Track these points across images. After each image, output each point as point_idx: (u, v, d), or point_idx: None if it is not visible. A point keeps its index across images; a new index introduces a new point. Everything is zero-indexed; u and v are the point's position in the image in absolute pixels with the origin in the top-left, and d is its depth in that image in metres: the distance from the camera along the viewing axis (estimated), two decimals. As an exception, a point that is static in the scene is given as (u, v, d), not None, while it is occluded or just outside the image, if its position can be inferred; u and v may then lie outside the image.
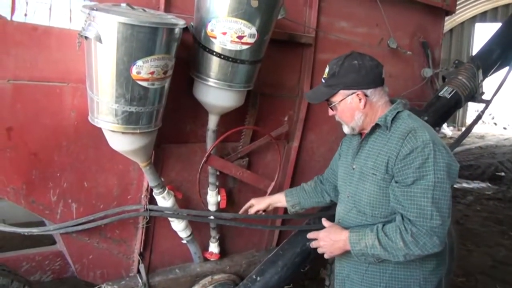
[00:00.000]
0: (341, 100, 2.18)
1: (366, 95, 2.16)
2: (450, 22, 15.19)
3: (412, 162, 2.00)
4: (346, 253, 2.25)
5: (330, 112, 2.30)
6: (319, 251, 2.28)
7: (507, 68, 4.37)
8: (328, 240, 2.22)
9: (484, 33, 14.62)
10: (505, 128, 17.18)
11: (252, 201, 2.83)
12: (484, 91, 4.22)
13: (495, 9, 15.53)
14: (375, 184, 2.14)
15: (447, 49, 15.97)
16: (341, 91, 2.17)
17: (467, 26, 16.21)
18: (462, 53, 15.77)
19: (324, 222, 2.34)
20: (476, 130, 13.64)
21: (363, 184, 2.20)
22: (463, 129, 14.56)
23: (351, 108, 2.18)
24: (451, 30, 16.11)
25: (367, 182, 2.18)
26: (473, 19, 16.09)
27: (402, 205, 2.03)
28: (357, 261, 2.21)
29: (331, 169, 2.72)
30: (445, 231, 2.00)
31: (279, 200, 2.80)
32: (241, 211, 2.90)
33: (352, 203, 2.28)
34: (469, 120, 16.13)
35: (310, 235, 2.34)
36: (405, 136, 2.05)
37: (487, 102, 4.21)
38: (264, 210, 2.84)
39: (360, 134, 2.32)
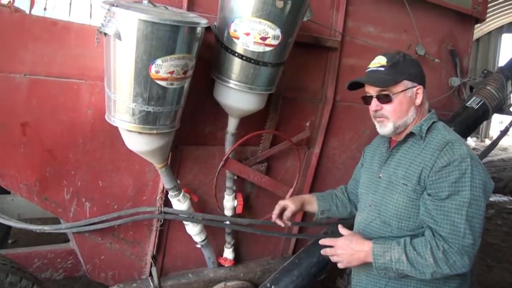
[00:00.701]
0: (402, 91, 2.05)
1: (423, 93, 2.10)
2: (476, 32, 14.93)
3: (448, 175, 1.91)
4: (365, 266, 2.12)
5: (375, 106, 2.11)
6: (334, 259, 2.11)
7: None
8: (348, 249, 2.05)
9: (511, 44, 14.42)
10: (529, 141, 16.87)
11: (287, 201, 2.51)
12: (512, 102, 4.10)
13: (523, 19, 15.30)
14: (405, 195, 2.04)
15: (473, 59, 15.74)
16: (404, 81, 2.05)
17: (493, 36, 16.00)
18: (488, 63, 15.57)
19: (342, 230, 2.17)
20: (500, 142, 13.42)
21: (390, 194, 2.10)
22: (486, 140, 14.43)
23: (409, 102, 2.07)
24: (477, 40, 15.90)
25: (395, 192, 2.08)
26: (500, 29, 15.89)
27: (434, 219, 1.93)
28: (376, 275, 2.08)
29: (354, 180, 2.62)
30: (475, 251, 1.89)
31: (310, 201, 2.56)
32: (275, 214, 2.49)
33: (376, 213, 2.17)
34: (492, 132, 15.92)
35: (324, 242, 2.14)
36: (442, 148, 1.96)
37: (515, 115, 4.09)
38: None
39: (389, 142, 2.26)
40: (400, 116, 2.07)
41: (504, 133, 4.23)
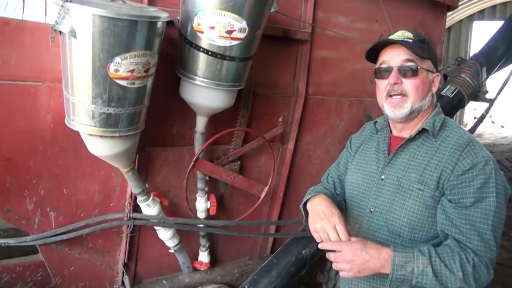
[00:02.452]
0: (426, 70, 1.84)
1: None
2: (448, 20, 15.07)
3: (473, 180, 1.69)
4: (371, 278, 1.88)
5: (395, 79, 1.83)
6: (339, 267, 1.71)
7: (511, 65, 4.24)
8: (363, 255, 1.67)
9: (482, 31, 14.56)
10: (502, 127, 17.17)
11: (334, 219, 1.80)
12: (487, 89, 4.07)
13: (493, 7, 15.42)
14: (421, 202, 1.78)
15: (445, 47, 15.82)
16: (429, 62, 1.86)
17: (465, 24, 16.11)
18: (460, 51, 15.67)
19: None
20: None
21: (401, 200, 1.83)
22: (465, 128, 14.56)
23: (429, 85, 1.86)
24: (449, 29, 16.02)
25: (409, 198, 1.81)
26: (471, 17, 16.00)
27: (459, 229, 1.70)
28: (379, 281, 1.86)
29: (339, 170, 2.24)
30: (494, 265, 1.72)
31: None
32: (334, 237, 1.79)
33: (382, 221, 1.88)
34: (467, 118, 16.07)
35: (327, 246, 1.74)
36: (463, 149, 1.74)
37: (491, 101, 4.06)
38: None
39: (389, 137, 1.99)
40: (421, 96, 1.83)
41: (480, 120, 4.21)
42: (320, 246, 1.77)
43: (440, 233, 1.78)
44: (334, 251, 1.71)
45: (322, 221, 1.79)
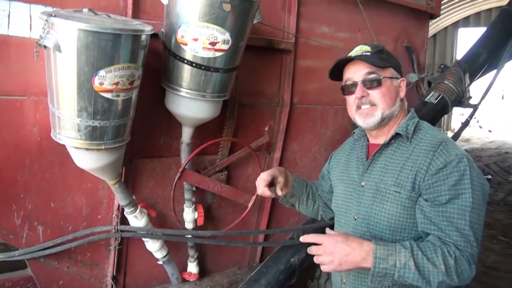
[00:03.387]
0: (389, 78, 1.91)
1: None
2: (433, 28, 15.24)
3: (446, 178, 1.73)
4: (356, 275, 1.91)
5: (361, 92, 1.89)
6: (320, 260, 1.72)
7: (494, 71, 4.30)
8: (344, 247, 1.68)
9: (467, 38, 14.72)
10: (490, 131, 17.35)
11: (273, 171, 2.17)
12: (471, 95, 4.12)
13: (477, 14, 15.62)
14: (399, 204, 1.82)
15: (431, 54, 16.02)
16: (391, 69, 1.93)
17: (450, 31, 16.29)
18: (446, 58, 15.83)
19: (330, 231, 1.81)
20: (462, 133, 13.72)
21: (380, 204, 1.86)
22: (449, 132, 14.67)
23: (395, 91, 1.93)
24: (434, 36, 16.18)
25: (387, 201, 1.85)
26: (456, 24, 16.18)
27: (438, 226, 1.72)
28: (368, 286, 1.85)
29: (320, 186, 2.39)
30: (476, 261, 1.72)
31: (287, 177, 2.23)
32: (262, 187, 2.13)
33: (364, 226, 1.91)
34: (454, 124, 16.21)
35: (308, 238, 1.76)
36: (436, 148, 1.78)
37: (475, 107, 4.11)
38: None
39: (367, 146, 2.05)
40: (390, 103, 1.90)
41: (465, 125, 4.25)
42: (301, 239, 1.80)
43: (422, 233, 1.81)
44: (316, 244, 1.73)
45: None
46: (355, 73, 1.93)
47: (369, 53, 1.91)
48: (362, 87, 1.90)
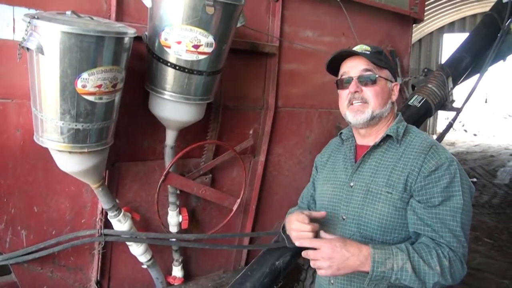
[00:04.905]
0: (384, 78, 1.93)
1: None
2: (419, 32, 15.37)
3: (439, 180, 1.76)
4: (348, 281, 1.90)
5: (355, 87, 1.90)
6: (318, 265, 1.71)
7: (477, 75, 4.34)
8: (342, 252, 1.67)
9: (452, 43, 14.84)
10: (475, 135, 17.47)
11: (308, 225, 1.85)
12: (454, 99, 4.16)
13: (463, 19, 15.78)
14: (390, 204, 1.82)
15: (416, 59, 16.14)
16: (387, 71, 1.94)
17: (435, 36, 16.43)
18: (431, 63, 15.95)
19: (326, 234, 1.80)
20: (447, 137, 13.83)
21: (371, 204, 1.86)
22: (434, 136, 14.78)
23: (388, 93, 1.94)
24: (419, 40, 16.31)
25: (378, 202, 1.85)
26: (442, 29, 16.33)
27: (432, 227, 1.75)
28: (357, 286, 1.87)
29: (309, 197, 2.30)
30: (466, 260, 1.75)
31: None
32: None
33: (354, 227, 1.90)
34: (439, 128, 16.33)
35: (306, 243, 1.76)
36: (427, 151, 1.81)
37: (458, 110, 4.15)
38: None
39: (354, 146, 2.05)
40: (381, 103, 1.91)
41: (448, 128, 4.28)
42: (298, 243, 1.80)
43: (413, 234, 1.82)
44: (313, 248, 1.72)
45: (296, 219, 1.83)
46: (353, 68, 1.93)
47: (368, 52, 1.93)
48: (357, 83, 1.91)
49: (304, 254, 1.75)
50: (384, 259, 1.67)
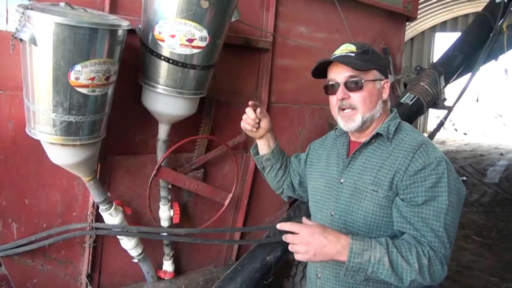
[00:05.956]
0: (372, 80, 1.90)
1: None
2: (411, 31, 15.41)
3: (424, 180, 1.75)
4: (333, 266, 1.92)
5: (342, 94, 1.90)
6: (295, 249, 1.71)
7: (469, 74, 4.36)
8: (320, 239, 1.67)
9: (444, 42, 14.91)
10: (465, 134, 17.59)
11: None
12: (446, 97, 4.18)
13: (455, 19, 15.85)
14: (375, 202, 1.84)
15: (408, 57, 16.19)
16: (374, 71, 1.91)
17: (427, 35, 16.49)
18: (423, 61, 16.01)
19: (307, 221, 1.80)
20: (437, 136, 13.90)
21: (358, 201, 1.88)
22: (425, 134, 14.88)
23: (377, 94, 1.92)
24: (412, 39, 16.36)
25: (364, 199, 1.86)
26: (434, 28, 16.39)
27: (414, 226, 1.75)
28: (347, 284, 1.88)
29: (293, 165, 2.41)
30: (448, 262, 1.75)
31: (272, 137, 2.33)
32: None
33: (341, 223, 1.92)
34: (430, 126, 16.41)
35: (286, 226, 1.74)
36: (416, 150, 1.80)
37: (449, 109, 4.17)
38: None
39: (348, 143, 2.07)
40: (370, 107, 1.90)
41: (439, 127, 4.31)
42: (278, 226, 1.79)
43: (397, 232, 1.83)
44: (292, 233, 1.72)
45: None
46: (338, 74, 1.92)
47: (353, 54, 1.90)
48: (344, 89, 1.90)
49: (283, 237, 1.75)
50: (361, 250, 1.67)
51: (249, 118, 2.22)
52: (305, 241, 1.69)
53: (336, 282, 1.94)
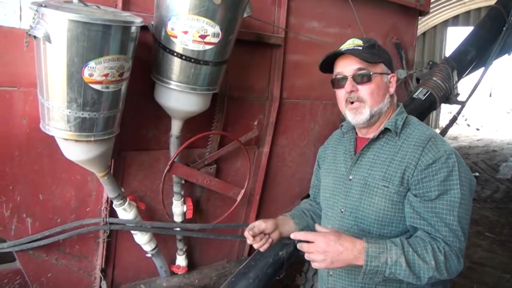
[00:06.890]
0: (380, 74, 1.89)
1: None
2: (423, 26, 15.29)
3: (436, 173, 1.74)
4: (346, 272, 1.90)
5: (351, 87, 1.88)
6: (312, 258, 1.69)
7: (482, 69, 4.33)
8: (336, 246, 1.66)
9: (456, 37, 14.78)
10: (478, 129, 17.44)
11: (256, 222, 2.07)
12: (459, 92, 4.15)
13: (467, 13, 15.68)
14: (387, 198, 1.82)
15: (420, 52, 16.07)
16: (382, 65, 1.90)
17: (439, 29, 16.34)
18: (435, 56, 15.88)
19: (321, 228, 1.80)
20: (450, 131, 13.75)
21: (369, 198, 1.86)
22: (437, 130, 14.77)
23: (385, 87, 1.91)
24: (424, 34, 16.23)
25: (375, 195, 1.85)
26: (446, 23, 16.24)
27: (428, 222, 1.73)
28: (360, 282, 1.85)
29: (314, 188, 2.36)
30: (464, 255, 1.74)
31: (284, 221, 2.15)
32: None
33: (351, 220, 1.91)
34: (442, 122, 16.30)
35: (300, 236, 1.75)
36: (425, 144, 1.79)
37: (462, 104, 4.14)
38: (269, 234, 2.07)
39: (355, 139, 2.04)
40: (378, 100, 1.89)
41: (452, 122, 4.28)
42: (292, 236, 1.79)
43: (410, 228, 1.82)
44: (307, 241, 1.71)
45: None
46: (346, 67, 1.90)
47: (360, 48, 1.89)
48: (352, 82, 1.88)
49: (299, 246, 1.74)
50: (378, 253, 1.67)
51: (256, 244, 2.05)
52: (321, 249, 1.68)
53: (348, 279, 1.93)
